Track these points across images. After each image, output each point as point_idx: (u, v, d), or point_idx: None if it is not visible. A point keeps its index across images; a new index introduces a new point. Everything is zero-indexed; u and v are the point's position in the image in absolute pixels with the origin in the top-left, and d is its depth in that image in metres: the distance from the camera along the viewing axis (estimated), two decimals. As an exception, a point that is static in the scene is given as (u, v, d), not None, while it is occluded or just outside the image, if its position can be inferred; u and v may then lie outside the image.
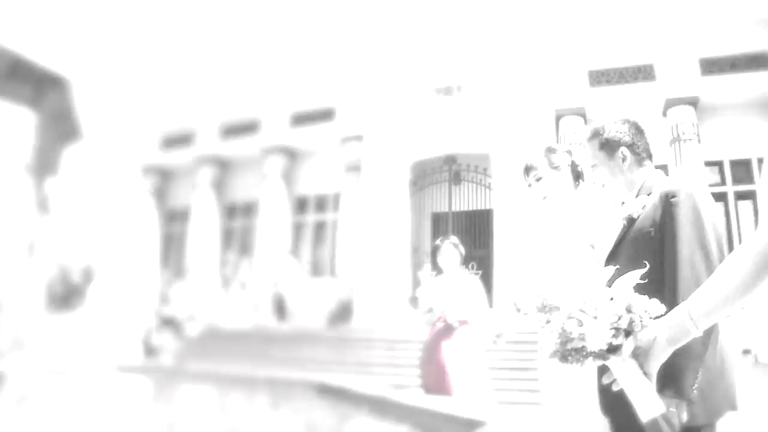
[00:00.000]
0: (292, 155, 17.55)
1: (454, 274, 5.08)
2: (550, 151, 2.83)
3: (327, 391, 6.89)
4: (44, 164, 7.14)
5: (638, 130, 2.32)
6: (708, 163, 12.68)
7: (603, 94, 13.60)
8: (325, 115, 16.66)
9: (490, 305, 6.02)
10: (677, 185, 2.05)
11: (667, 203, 2.00)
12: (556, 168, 2.75)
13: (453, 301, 4.88)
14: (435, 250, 5.19)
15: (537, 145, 10.57)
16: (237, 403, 7.54)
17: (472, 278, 5.15)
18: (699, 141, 12.66)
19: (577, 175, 2.82)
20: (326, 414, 5.99)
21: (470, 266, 11.60)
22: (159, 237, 19.35)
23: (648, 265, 1.63)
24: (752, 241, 1.36)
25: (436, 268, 5.18)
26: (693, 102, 12.84)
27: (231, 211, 19.08)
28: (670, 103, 13.00)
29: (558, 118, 13.73)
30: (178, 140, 19.37)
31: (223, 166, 18.84)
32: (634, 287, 1.60)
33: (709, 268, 1.72)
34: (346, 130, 16.18)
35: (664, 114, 13.19)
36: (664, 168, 12.99)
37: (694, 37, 12.98)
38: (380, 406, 5.10)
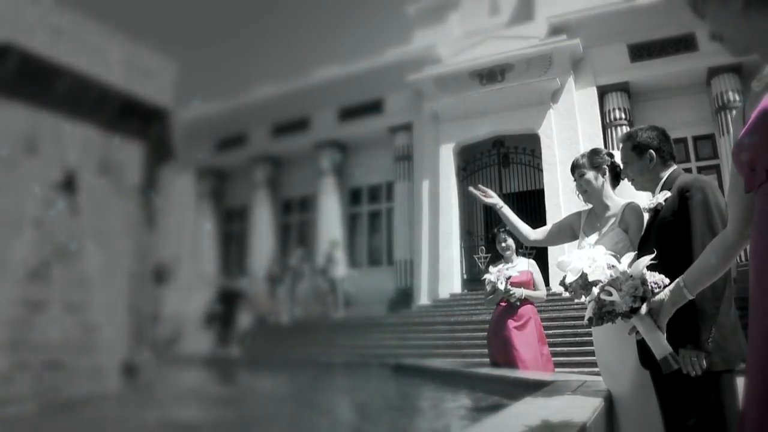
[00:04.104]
0: (343, 148, 18.12)
1: (513, 259, 5.62)
2: (594, 153, 3.35)
3: (402, 370, 7.51)
4: (149, 185, 7.95)
5: (665, 136, 2.85)
6: (756, 131, 12.60)
7: (645, 67, 13.71)
8: (374, 107, 17.17)
9: (547, 284, 6.51)
10: (690, 181, 2.56)
11: (683, 197, 2.52)
12: (596, 167, 3.26)
13: (514, 283, 5.42)
14: (494, 238, 5.75)
15: (583, 124, 10.82)
16: (324, 385, 8.20)
17: (528, 260, 5.68)
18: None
19: (616, 175, 3.31)
20: (405, 389, 6.59)
21: (525, 247, 12.00)
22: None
23: (655, 252, 2.24)
24: (725, 234, 1.90)
25: (495, 253, 5.75)
26: (736, 69, 12.74)
27: (287, 206, 19.80)
28: (713, 72, 12.97)
29: (602, 95, 13.90)
30: (232, 142, 20.14)
31: (277, 164, 19.53)
32: (662, 264, 2.22)
33: None
34: (395, 120, 16.68)
35: (708, 83, 13.20)
36: (711, 137, 13.09)
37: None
38: (452, 378, 5.68)
